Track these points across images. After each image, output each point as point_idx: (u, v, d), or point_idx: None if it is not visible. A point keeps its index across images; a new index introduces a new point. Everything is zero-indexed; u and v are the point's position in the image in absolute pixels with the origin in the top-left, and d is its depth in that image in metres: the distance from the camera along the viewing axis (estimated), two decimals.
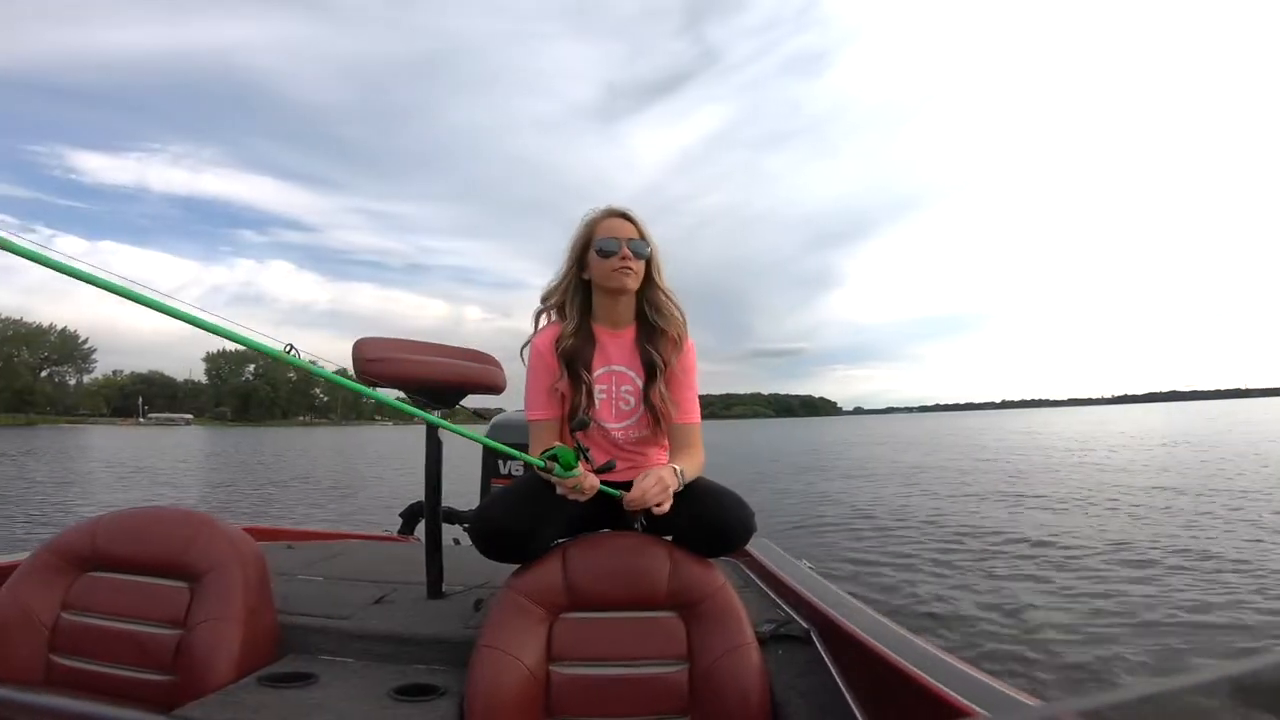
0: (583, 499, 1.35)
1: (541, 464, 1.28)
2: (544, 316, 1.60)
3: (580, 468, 1.33)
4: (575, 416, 1.43)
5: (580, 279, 1.56)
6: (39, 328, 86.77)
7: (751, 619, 1.37)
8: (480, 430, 2.67)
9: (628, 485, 1.53)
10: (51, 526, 7.47)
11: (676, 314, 1.56)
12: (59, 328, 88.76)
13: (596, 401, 1.51)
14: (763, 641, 1.40)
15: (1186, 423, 35.24)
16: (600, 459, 1.51)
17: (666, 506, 1.36)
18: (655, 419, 1.53)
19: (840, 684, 1.28)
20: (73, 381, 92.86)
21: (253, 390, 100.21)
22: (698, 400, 1.58)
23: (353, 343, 1.76)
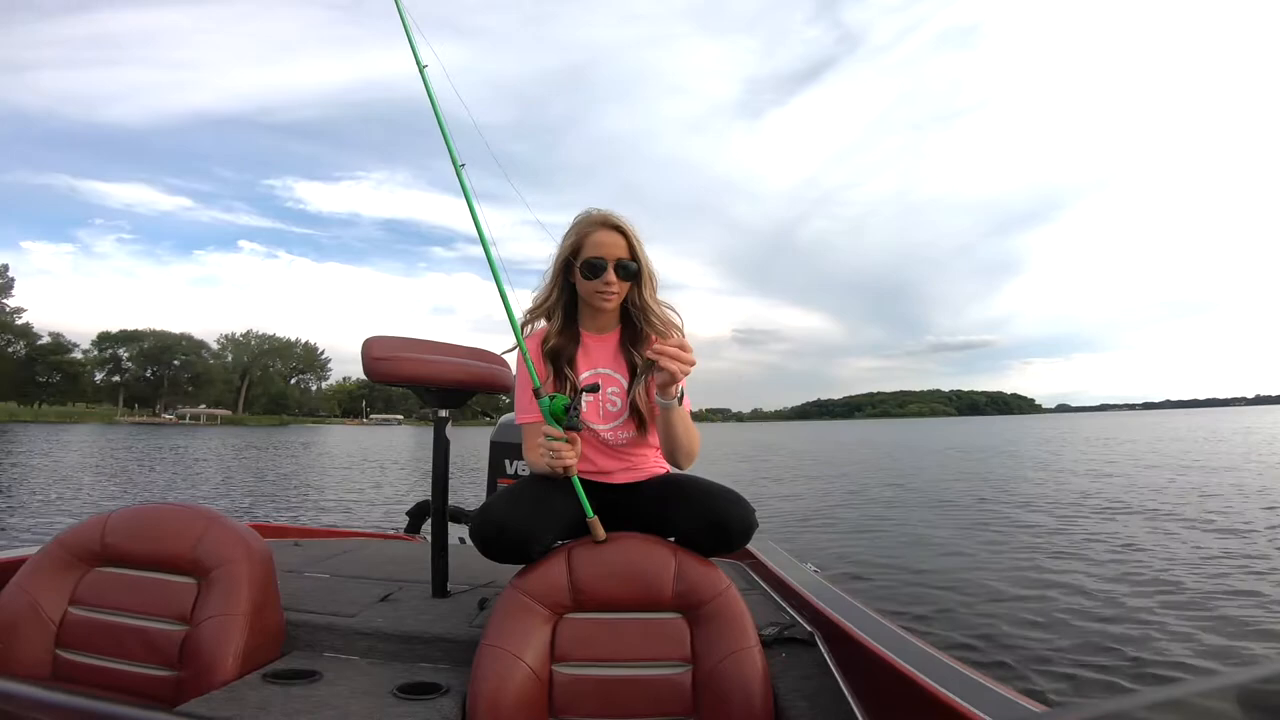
0: (558, 465, 1.37)
1: (547, 400, 1.38)
2: (529, 326, 1.60)
3: (569, 435, 1.37)
4: (564, 417, 1.40)
5: (567, 281, 1.56)
6: (288, 342, 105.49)
7: (756, 622, 1.36)
8: (488, 431, 2.70)
9: (624, 488, 1.55)
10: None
11: (672, 323, 1.56)
12: (303, 342, 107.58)
13: (584, 402, 1.50)
14: (767, 644, 1.39)
15: None
16: (595, 459, 1.55)
17: (688, 370, 1.36)
18: (640, 420, 1.54)
19: (844, 688, 1.26)
20: (314, 387, 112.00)
21: None
22: (685, 394, 1.56)
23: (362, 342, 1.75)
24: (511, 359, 1.59)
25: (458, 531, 2.16)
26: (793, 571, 1.92)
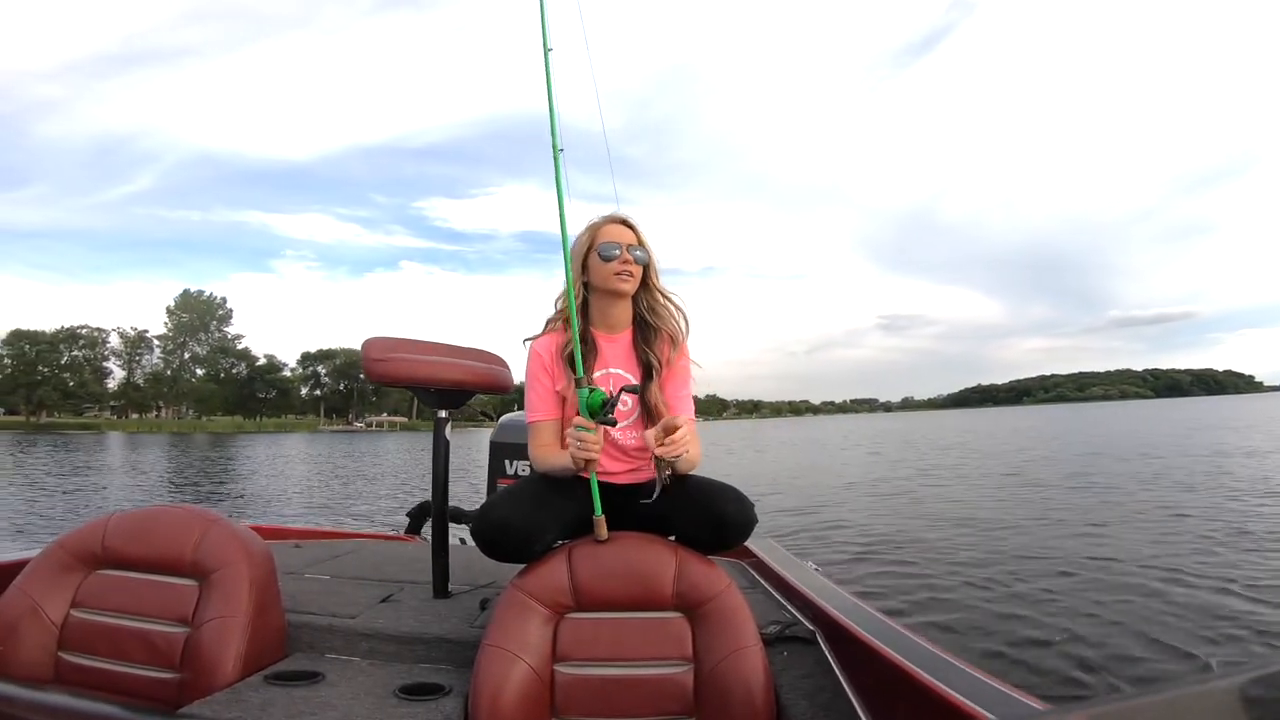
0: (580, 459, 1.37)
1: (587, 393, 1.39)
2: (551, 324, 1.62)
3: (598, 431, 1.38)
4: (599, 414, 1.40)
5: (583, 284, 1.59)
6: None
7: (757, 620, 1.36)
8: (488, 432, 2.63)
9: (631, 488, 1.54)
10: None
11: (674, 313, 1.60)
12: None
13: (620, 400, 1.51)
14: (768, 643, 1.39)
15: None
16: (601, 459, 1.52)
17: (686, 456, 1.37)
18: (650, 423, 1.53)
19: (846, 686, 1.26)
20: (485, 396, 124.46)
21: None
22: (691, 398, 1.60)
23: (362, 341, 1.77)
24: (523, 357, 1.60)
25: (458, 532, 2.15)
26: (794, 570, 1.91)
